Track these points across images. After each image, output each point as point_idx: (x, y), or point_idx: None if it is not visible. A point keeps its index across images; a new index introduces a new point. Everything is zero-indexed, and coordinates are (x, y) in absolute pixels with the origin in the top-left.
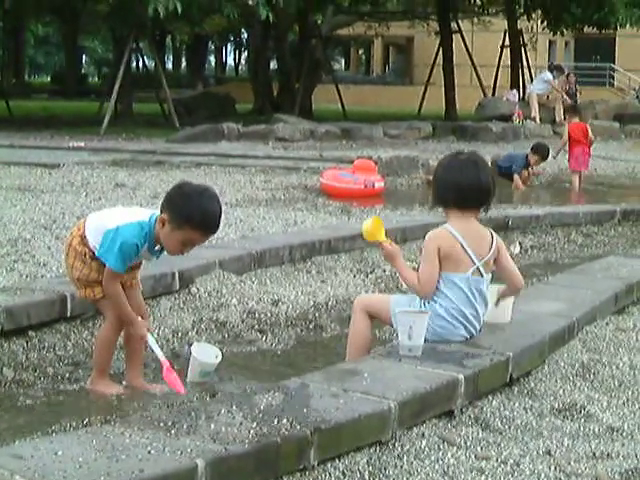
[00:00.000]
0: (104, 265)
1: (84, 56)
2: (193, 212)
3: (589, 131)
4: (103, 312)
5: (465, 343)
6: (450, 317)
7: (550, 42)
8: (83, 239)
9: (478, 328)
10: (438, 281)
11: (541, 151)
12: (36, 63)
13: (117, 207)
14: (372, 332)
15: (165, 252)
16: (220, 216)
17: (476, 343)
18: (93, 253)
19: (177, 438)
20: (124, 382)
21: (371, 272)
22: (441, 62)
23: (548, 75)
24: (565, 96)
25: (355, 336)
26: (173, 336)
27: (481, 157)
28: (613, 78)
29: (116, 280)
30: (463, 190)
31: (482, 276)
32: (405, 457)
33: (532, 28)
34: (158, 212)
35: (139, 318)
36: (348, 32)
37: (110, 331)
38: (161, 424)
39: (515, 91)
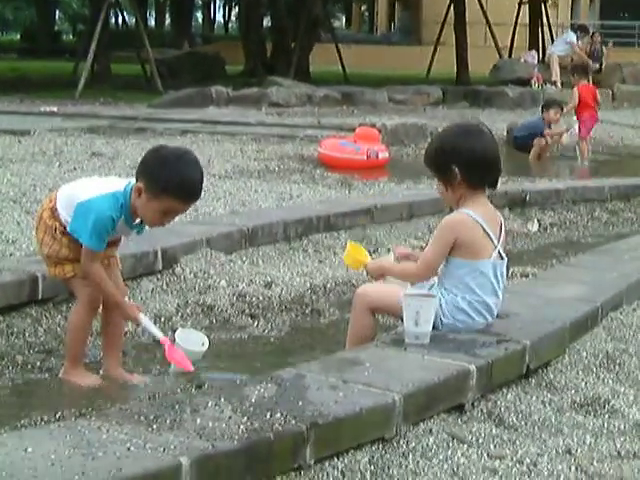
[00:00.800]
0: (77, 241)
1: (57, 11)
2: (171, 178)
3: (597, 94)
4: (75, 293)
5: (477, 330)
6: (472, 311)
7: None
8: (54, 212)
9: (495, 315)
10: (460, 272)
11: (552, 102)
12: (4, 19)
13: (92, 178)
14: (375, 327)
15: (147, 227)
16: (201, 182)
17: (489, 330)
18: (64, 228)
19: (159, 434)
20: (101, 371)
21: (374, 251)
22: (452, 20)
23: (571, 36)
24: (588, 59)
25: (355, 336)
26: (155, 321)
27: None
28: None
29: (95, 260)
30: (491, 164)
31: (502, 259)
32: (410, 456)
33: None
34: (134, 181)
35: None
36: None
37: (83, 314)
38: (142, 418)
39: (534, 52)
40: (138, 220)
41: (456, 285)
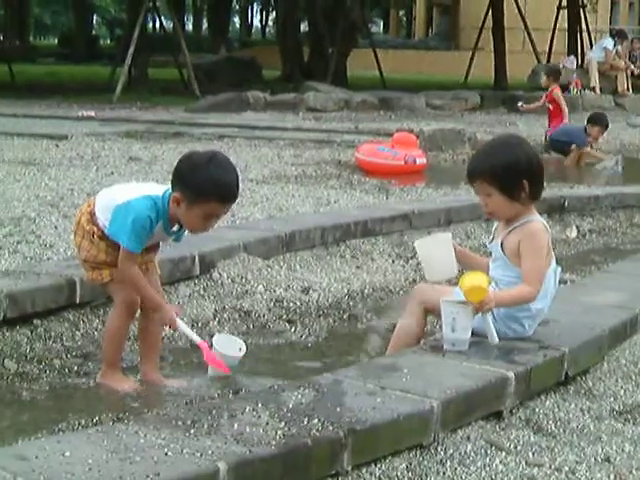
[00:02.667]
0: (114, 246)
1: (95, 16)
2: (204, 183)
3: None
4: (113, 297)
5: (514, 339)
6: (527, 320)
7: (612, 3)
8: (92, 217)
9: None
10: None
11: (601, 120)
12: (42, 24)
13: (130, 183)
14: (423, 328)
15: (186, 232)
16: (236, 180)
17: (527, 338)
18: (102, 232)
19: (197, 439)
20: (138, 376)
21: (412, 257)
22: (490, 25)
23: (608, 42)
24: (630, 64)
25: (401, 329)
26: (193, 326)
27: None
28: None
29: (132, 261)
30: (542, 179)
31: (557, 265)
32: (448, 462)
33: None
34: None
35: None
36: None
37: (120, 319)
38: (179, 423)
39: (573, 57)
40: (176, 227)
41: None
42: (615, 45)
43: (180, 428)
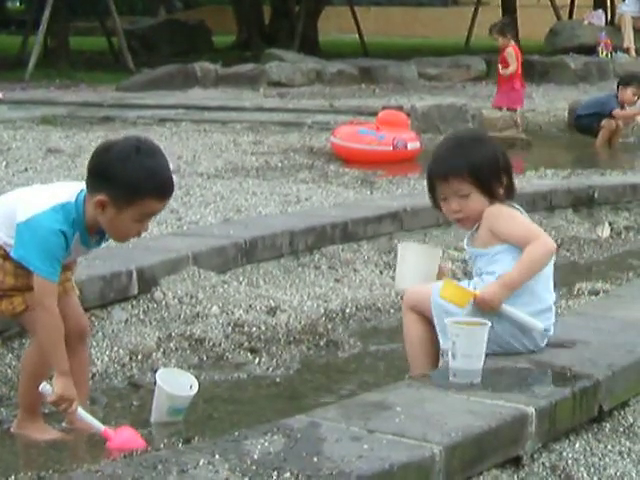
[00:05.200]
0: (23, 266)
1: None
2: (138, 178)
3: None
4: (29, 329)
5: (534, 362)
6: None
7: None
8: None
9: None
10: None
11: (635, 78)
12: None
13: (31, 187)
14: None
15: (109, 239)
16: (169, 169)
17: (550, 362)
18: (5, 251)
19: None
20: (64, 423)
21: None
22: None
23: None
24: None
25: (412, 346)
26: (131, 359)
27: None
28: None
29: (52, 294)
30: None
31: None
32: None
33: None
34: (86, 187)
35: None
36: None
37: (40, 354)
38: None
39: (600, 12)
40: (96, 237)
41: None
42: None
43: None
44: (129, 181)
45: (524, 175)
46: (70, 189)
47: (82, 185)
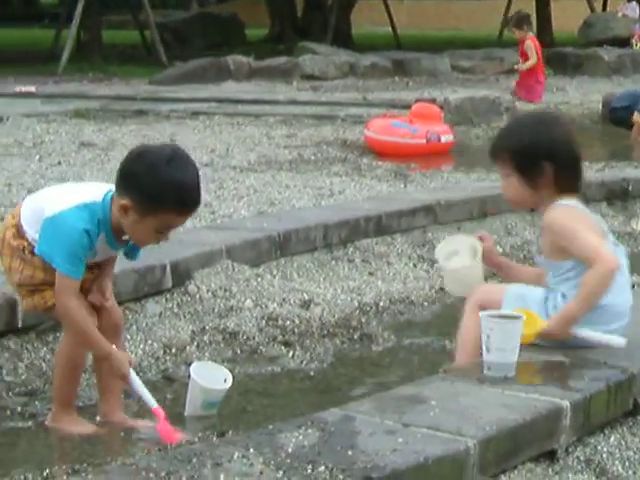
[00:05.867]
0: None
1: None
2: (164, 188)
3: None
4: (62, 322)
5: (569, 355)
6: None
7: None
8: (19, 230)
9: None
10: (573, 272)
11: None
12: None
13: (62, 185)
14: None
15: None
16: (199, 184)
17: (584, 355)
18: (34, 247)
19: None
20: (98, 417)
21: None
22: None
23: None
24: None
25: (465, 342)
26: (164, 352)
27: None
28: None
29: (72, 291)
30: (572, 165)
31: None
32: None
33: None
34: (114, 188)
35: (114, 348)
36: None
37: (73, 347)
38: (151, 475)
39: (635, 4)
40: (126, 237)
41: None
42: None
43: None
44: (153, 191)
45: None
46: (98, 189)
47: (111, 186)
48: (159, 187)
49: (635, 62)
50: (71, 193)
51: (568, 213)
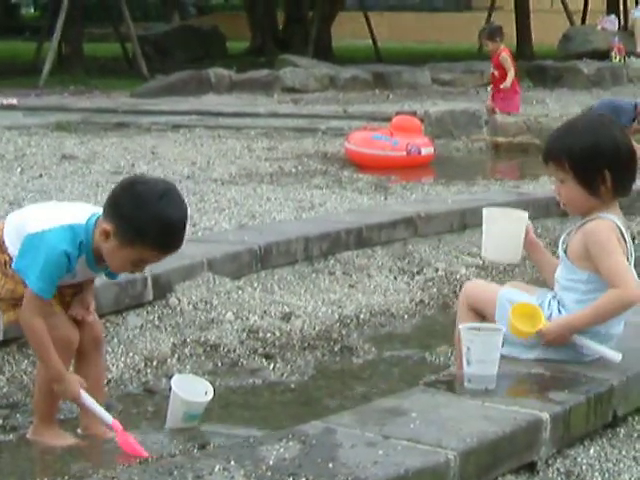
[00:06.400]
0: None
1: None
2: (149, 225)
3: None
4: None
5: (550, 368)
6: (590, 335)
7: None
8: (1, 246)
9: None
10: (591, 286)
11: None
12: None
13: (47, 204)
14: None
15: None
16: (185, 226)
17: (564, 368)
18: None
19: None
20: (79, 430)
21: (418, 272)
22: None
23: None
24: None
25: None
26: (145, 365)
27: None
28: None
29: (37, 309)
30: (632, 169)
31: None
32: None
33: None
34: (100, 212)
35: (66, 371)
36: None
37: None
38: None
39: (613, 17)
40: (104, 262)
41: (579, 302)
42: None
43: None
44: (138, 224)
45: (538, 181)
46: (84, 211)
47: (96, 209)
48: (145, 221)
49: (614, 75)
50: (56, 213)
51: (613, 231)
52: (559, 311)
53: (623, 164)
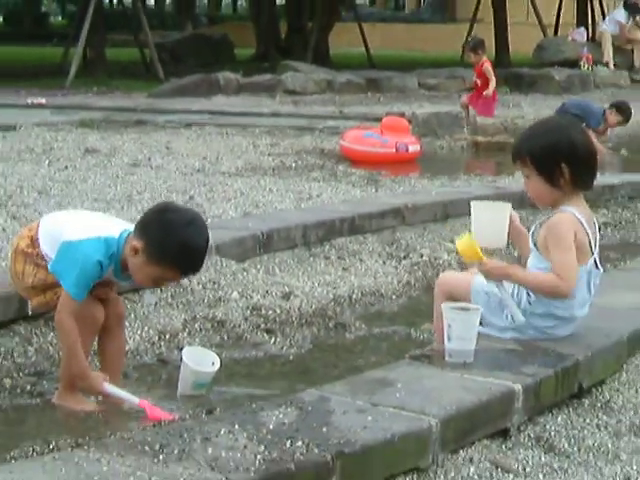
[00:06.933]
0: None
1: None
2: (174, 248)
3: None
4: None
5: (523, 344)
6: (554, 319)
7: None
8: (34, 242)
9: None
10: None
11: (625, 112)
12: None
13: (81, 212)
14: None
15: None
16: (206, 252)
17: (536, 345)
18: (47, 262)
19: (166, 465)
20: (99, 396)
21: (405, 257)
22: None
23: (619, 14)
24: None
25: (441, 333)
26: (159, 339)
27: None
28: None
29: (70, 309)
30: (589, 164)
31: (598, 268)
32: None
33: None
34: (131, 228)
35: (89, 369)
36: None
37: (79, 333)
38: (146, 448)
39: (583, 29)
40: (128, 274)
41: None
42: (629, 17)
43: (147, 454)
44: (165, 246)
45: (513, 176)
46: (117, 226)
47: (128, 225)
48: (172, 244)
49: (583, 81)
50: (92, 223)
51: (571, 223)
52: (528, 294)
53: (580, 159)
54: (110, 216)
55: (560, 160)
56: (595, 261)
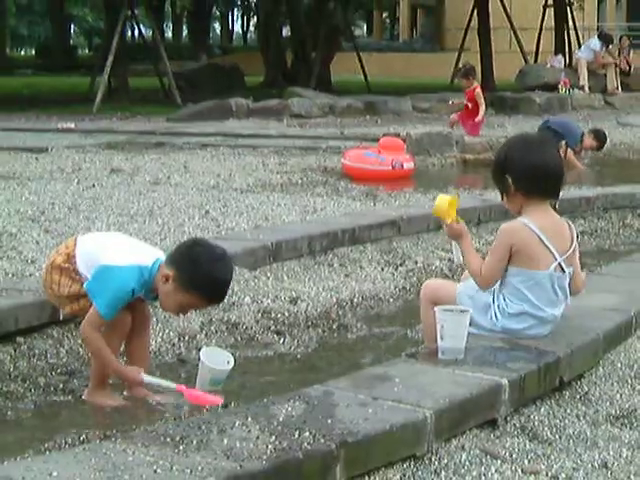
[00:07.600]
0: None
1: (72, 25)
2: (203, 280)
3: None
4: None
5: (509, 342)
6: (527, 320)
7: (599, 0)
8: (70, 259)
9: (550, 328)
10: (515, 279)
11: (601, 139)
12: (18, 35)
13: (119, 236)
14: None
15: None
16: (229, 285)
17: (521, 343)
18: (82, 279)
19: (186, 455)
20: (124, 392)
21: (401, 264)
22: (476, 25)
23: (594, 43)
24: (619, 62)
25: (429, 334)
26: (179, 340)
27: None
28: None
29: (97, 325)
30: (547, 175)
31: (564, 272)
32: (443, 472)
33: None
34: (163, 257)
35: (122, 362)
36: None
37: (110, 335)
38: (168, 439)
39: (560, 57)
40: (155, 295)
41: (512, 293)
42: (602, 46)
43: (169, 444)
44: (195, 277)
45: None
46: (151, 254)
47: (160, 254)
48: (201, 277)
49: (561, 104)
50: (129, 250)
51: (513, 233)
52: (504, 298)
53: (517, 169)
54: (148, 247)
55: (503, 171)
56: (561, 265)
